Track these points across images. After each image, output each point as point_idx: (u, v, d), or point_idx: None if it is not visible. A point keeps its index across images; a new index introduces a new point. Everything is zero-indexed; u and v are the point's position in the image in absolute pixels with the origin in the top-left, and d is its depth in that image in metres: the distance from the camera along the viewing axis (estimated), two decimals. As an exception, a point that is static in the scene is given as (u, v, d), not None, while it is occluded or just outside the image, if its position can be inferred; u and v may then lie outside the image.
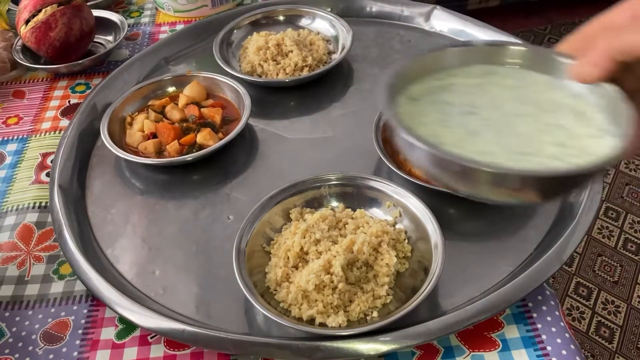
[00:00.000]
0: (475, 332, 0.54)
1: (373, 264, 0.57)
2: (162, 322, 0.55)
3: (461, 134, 0.40)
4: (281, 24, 0.97)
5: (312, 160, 0.74)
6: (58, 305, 0.60)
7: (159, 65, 0.92)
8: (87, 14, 0.93)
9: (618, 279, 1.54)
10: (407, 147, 0.40)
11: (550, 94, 0.42)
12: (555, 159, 0.37)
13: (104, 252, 0.65)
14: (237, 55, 0.91)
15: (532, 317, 0.55)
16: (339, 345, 0.51)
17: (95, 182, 0.74)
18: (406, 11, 0.97)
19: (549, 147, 0.38)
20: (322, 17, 0.95)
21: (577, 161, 0.37)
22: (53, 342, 0.56)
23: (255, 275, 0.57)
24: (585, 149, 0.38)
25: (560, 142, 0.39)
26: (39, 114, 0.85)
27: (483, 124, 0.41)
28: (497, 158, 0.37)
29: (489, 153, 0.38)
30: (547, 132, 0.39)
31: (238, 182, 0.72)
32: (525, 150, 0.38)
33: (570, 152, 0.38)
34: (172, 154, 0.73)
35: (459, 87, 0.45)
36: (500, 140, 0.39)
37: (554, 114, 0.41)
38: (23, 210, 0.70)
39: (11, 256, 0.64)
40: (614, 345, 1.39)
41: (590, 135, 0.39)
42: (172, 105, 0.79)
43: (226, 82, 0.81)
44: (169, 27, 1.04)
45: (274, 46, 0.87)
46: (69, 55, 0.91)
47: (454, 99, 0.43)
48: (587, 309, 1.48)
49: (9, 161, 0.78)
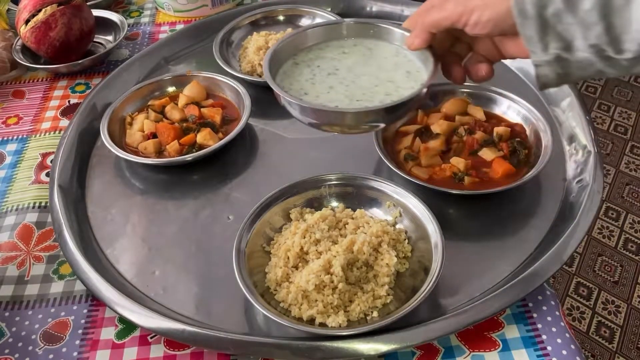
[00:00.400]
0: (475, 332, 0.54)
1: (373, 264, 0.57)
2: (162, 322, 0.55)
3: (322, 89, 0.57)
4: (281, 24, 0.97)
5: (312, 160, 0.74)
6: (58, 305, 0.60)
7: (159, 65, 0.92)
8: (87, 13, 0.93)
9: (618, 279, 1.54)
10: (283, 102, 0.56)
11: (393, 59, 0.60)
12: (381, 102, 0.55)
13: (103, 252, 0.65)
14: (237, 55, 0.91)
15: (532, 317, 0.55)
16: (339, 345, 0.51)
17: (95, 182, 0.74)
18: (406, 11, 0.97)
19: (380, 95, 0.56)
20: (322, 17, 0.95)
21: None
22: (53, 342, 0.56)
23: (255, 275, 0.57)
24: (402, 95, 0.55)
25: (388, 92, 0.57)
26: (39, 114, 0.85)
27: (339, 82, 0.58)
28: (341, 104, 0.55)
29: (337, 101, 0.56)
30: (381, 85, 0.57)
31: (238, 182, 0.72)
32: (362, 98, 0.56)
33: (392, 98, 0.55)
34: (172, 154, 0.73)
35: (330, 54, 0.61)
36: (347, 92, 0.57)
37: (391, 72, 0.59)
38: (23, 210, 0.70)
39: (11, 256, 0.64)
40: (614, 345, 1.39)
41: (410, 87, 0.57)
42: (172, 105, 0.79)
43: (226, 82, 0.81)
44: (168, 27, 1.04)
45: None
46: (69, 55, 0.91)
47: (323, 64, 0.60)
48: (587, 309, 1.47)
49: (9, 161, 0.78)
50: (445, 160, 0.68)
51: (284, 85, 0.58)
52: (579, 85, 2.12)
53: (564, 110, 0.76)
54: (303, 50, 0.62)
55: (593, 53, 0.46)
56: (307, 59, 0.61)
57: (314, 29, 0.63)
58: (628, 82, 2.22)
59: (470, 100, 0.75)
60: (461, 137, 0.70)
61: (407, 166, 0.68)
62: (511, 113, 0.73)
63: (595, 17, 0.44)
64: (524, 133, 0.71)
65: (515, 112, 0.73)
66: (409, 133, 0.72)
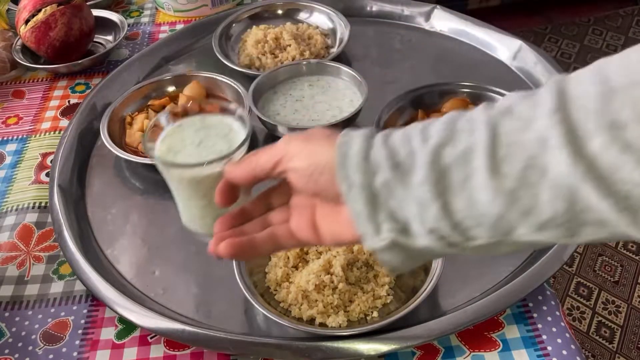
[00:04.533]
0: (475, 332, 0.54)
1: (373, 264, 0.57)
2: (162, 322, 0.55)
3: (289, 111, 0.76)
4: (280, 18, 0.97)
5: (312, 160, 0.74)
6: (58, 305, 0.60)
7: (158, 65, 0.92)
8: (87, 13, 0.93)
9: (619, 279, 1.54)
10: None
11: (342, 91, 0.79)
12: (327, 122, 0.74)
13: (103, 252, 0.65)
14: (236, 49, 0.92)
15: (532, 317, 0.55)
16: (339, 346, 0.51)
17: (95, 182, 0.74)
18: (406, 11, 0.97)
19: (328, 116, 0.75)
20: (321, 10, 0.96)
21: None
22: (53, 342, 0.56)
23: (255, 275, 0.57)
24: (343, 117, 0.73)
25: (334, 114, 0.75)
26: (39, 114, 0.85)
27: (302, 106, 0.76)
28: (301, 122, 0.75)
29: (298, 119, 0.75)
30: (331, 110, 0.76)
31: (238, 182, 0.72)
32: (316, 118, 0.75)
33: (337, 119, 0.73)
34: (172, 153, 0.72)
35: (299, 86, 0.80)
36: (307, 114, 0.76)
37: (339, 101, 0.77)
38: (23, 211, 0.69)
39: (11, 256, 0.64)
40: (614, 345, 1.39)
41: (348, 111, 0.73)
42: (172, 105, 0.78)
43: (226, 82, 0.81)
44: (168, 26, 1.04)
45: (272, 40, 0.87)
46: (69, 55, 0.91)
47: (293, 93, 0.79)
48: (587, 309, 1.47)
49: (9, 161, 0.78)
50: (445, 160, 0.68)
51: (263, 108, 0.77)
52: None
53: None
54: (280, 82, 0.80)
55: (435, 239, 0.35)
56: (284, 89, 0.80)
57: (286, 67, 0.81)
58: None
59: (471, 100, 0.75)
60: (461, 137, 0.70)
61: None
62: (511, 113, 0.73)
63: (429, 194, 0.34)
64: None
65: (516, 112, 0.73)
66: (409, 133, 0.72)
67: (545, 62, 0.81)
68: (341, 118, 0.72)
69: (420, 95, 0.76)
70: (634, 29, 2.31)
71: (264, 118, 0.73)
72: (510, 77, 0.84)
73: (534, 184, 0.32)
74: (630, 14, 2.41)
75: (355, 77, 0.77)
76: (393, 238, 0.36)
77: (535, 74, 0.82)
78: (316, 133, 0.41)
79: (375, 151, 0.36)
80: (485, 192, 0.33)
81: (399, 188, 0.35)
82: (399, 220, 0.36)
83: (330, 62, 0.81)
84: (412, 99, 0.75)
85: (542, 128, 0.31)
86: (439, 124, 0.35)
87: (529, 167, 0.31)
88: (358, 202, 0.36)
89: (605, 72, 0.31)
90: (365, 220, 0.37)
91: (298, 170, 0.40)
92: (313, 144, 0.40)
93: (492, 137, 0.33)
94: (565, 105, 0.31)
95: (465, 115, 0.35)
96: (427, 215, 0.35)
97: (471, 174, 0.33)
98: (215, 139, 0.48)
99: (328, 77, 0.80)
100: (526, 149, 0.32)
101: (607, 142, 0.29)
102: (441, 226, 0.35)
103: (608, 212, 0.30)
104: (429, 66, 0.88)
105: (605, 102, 0.30)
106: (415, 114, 0.75)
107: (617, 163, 0.29)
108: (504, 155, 0.32)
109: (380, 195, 0.36)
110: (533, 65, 0.83)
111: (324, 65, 0.81)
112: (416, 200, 0.35)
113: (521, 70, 0.85)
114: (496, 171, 0.32)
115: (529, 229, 0.33)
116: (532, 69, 0.82)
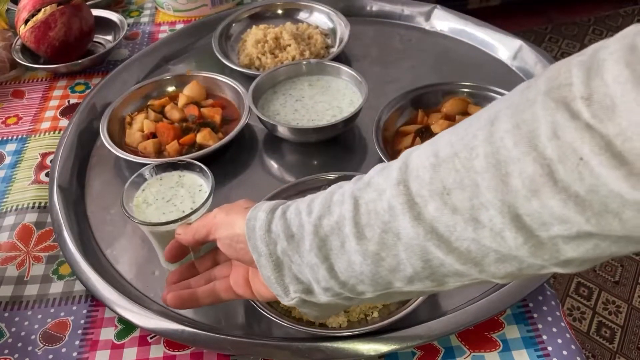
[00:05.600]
0: (475, 333, 0.54)
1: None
2: (161, 323, 0.55)
3: (289, 111, 0.76)
4: (280, 17, 0.97)
5: (312, 160, 0.74)
6: (57, 306, 0.60)
7: (158, 64, 0.92)
8: (87, 13, 0.93)
9: (619, 279, 1.54)
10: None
11: (343, 91, 0.79)
12: (327, 122, 0.74)
13: (103, 252, 0.65)
14: (236, 49, 0.92)
15: (532, 318, 0.55)
16: (340, 346, 0.51)
17: (95, 182, 0.74)
18: (406, 10, 0.97)
19: (327, 116, 0.75)
20: (321, 10, 0.96)
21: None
22: (52, 343, 0.56)
23: (255, 275, 0.57)
24: (344, 117, 0.73)
25: (334, 114, 0.75)
26: (39, 114, 0.85)
27: (302, 106, 0.76)
28: (300, 122, 0.74)
29: (298, 119, 0.74)
30: (331, 109, 0.76)
31: (238, 182, 0.72)
32: (315, 118, 0.74)
33: (336, 118, 0.73)
34: (171, 153, 0.72)
35: (299, 85, 0.80)
36: (306, 114, 0.75)
37: (339, 101, 0.77)
38: (22, 211, 0.69)
39: (10, 256, 0.64)
40: (614, 346, 1.39)
41: (349, 111, 0.74)
42: (172, 105, 0.78)
43: (226, 82, 0.81)
44: (168, 26, 1.04)
45: (272, 39, 0.87)
46: (69, 54, 0.91)
47: (293, 92, 0.79)
48: (587, 309, 1.47)
49: (9, 161, 0.77)
50: (445, 160, 0.68)
51: (263, 108, 0.77)
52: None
53: (564, 110, 0.76)
54: (280, 82, 0.80)
55: (332, 295, 0.41)
56: (282, 88, 0.80)
57: (286, 67, 0.81)
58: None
59: (471, 100, 0.75)
60: (461, 137, 0.70)
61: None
62: (511, 113, 0.73)
63: (316, 259, 0.40)
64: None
65: (516, 111, 0.73)
66: (409, 133, 0.72)
67: (545, 62, 0.81)
68: (341, 118, 0.72)
69: (420, 95, 0.76)
70: (634, 29, 2.31)
71: (263, 118, 0.73)
72: (510, 77, 0.84)
73: (393, 246, 0.37)
74: (630, 14, 2.41)
75: (355, 77, 0.77)
76: (300, 297, 0.43)
77: (535, 74, 0.82)
78: (237, 206, 0.47)
79: (275, 223, 0.42)
80: (357, 255, 0.38)
81: (295, 255, 0.41)
82: (303, 282, 0.42)
83: (330, 62, 0.81)
84: (412, 99, 0.75)
85: (390, 197, 0.36)
86: (321, 198, 0.41)
87: (385, 231, 0.37)
88: (267, 268, 0.42)
89: (437, 145, 0.36)
90: (275, 283, 0.43)
91: (221, 239, 0.47)
92: (232, 216, 0.46)
93: (356, 207, 0.38)
94: (406, 177, 0.36)
95: (341, 188, 0.41)
96: (318, 276, 0.40)
97: (344, 239, 0.38)
98: (183, 197, 0.57)
99: (328, 77, 0.80)
100: (381, 216, 0.37)
101: (440, 207, 0.34)
102: (332, 285, 0.40)
103: (458, 265, 0.35)
104: (429, 66, 0.88)
105: (434, 172, 0.34)
106: (415, 114, 0.75)
107: (451, 224, 0.34)
108: (366, 222, 0.38)
109: (284, 262, 0.42)
110: (533, 65, 0.83)
111: (324, 65, 0.81)
112: (308, 265, 0.40)
113: (521, 70, 0.84)
114: (362, 236, 0.38)
115: (402, 283, 0.38)
116: (532, 69, 0.82)
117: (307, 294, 0.42)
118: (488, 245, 0.33)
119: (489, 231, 0.33)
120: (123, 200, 0.56)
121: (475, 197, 0.33)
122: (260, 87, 0.78)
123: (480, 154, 0.33)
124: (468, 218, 0.33)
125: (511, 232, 0.32)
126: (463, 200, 0.33)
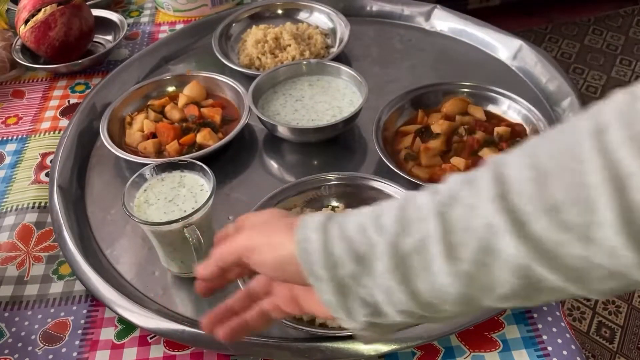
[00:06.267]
0: (475, 333, 0.54)
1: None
2: (161, 323, 0.55)
3: (290, 111, 0.76)
4: (280, 17, 0.97)
5: (312, 160, 0.74)
6: (57, 306, 0.60)
7: (158, 64, 0.92)
8: (87, 13, 0.93)
9: (619, 279, 1.54)
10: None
11: (343, 91, 0.79)
12: (327, 121, 0.74)
13: (103, 252, 0.65)
14: (236, 49, 0.92)
15: (532, 318, 0.55)
16: (339, 346, 0.51)
17: (95, 182, 0.74)
18: (406, 10, 0.97)
19: (327, 116, 0.75)
20: (321, 10, 0.96)
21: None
22: (52, 343, 0.56)
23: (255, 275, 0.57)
24: (343, 117, 0.73)
25: (334, 114, 0.76)
26: (39, 114, 0.85)
27: (302, 106, 0.77)
28: (301, 122, 0.74)
29: (298, 119, 0.75)
30: (331, 109, 0.76)
31: (238, 182, 0.72)
32: (316, 118, 0.75)
33: (336, 118, 0.74)
34: (171, 153, 0.72)
35: (299, 85, 0.80)
36: (306, 114, 0.76)
37: (339, 101, 0.78)
38: (22, 211, 0.69)
39: (10, 256, 0.64)
40: (614, 346, 1.39)
41: (349, 111, 0.74)
42: (172, 105, 0.78)
43: (226, 82, 0.81)
44: (168, 26, 1.04)
45: (272, 39, 0.87)
46: (69, 54, 0.91)
47: (293, 92, 0.79)
48: (587, 309, 1.47)
49: (9, 161, 0.77)
50: (445, 160, 0.68)
51: (263, 108, 0.77)
52: (580, 85, 2.12)
53: (564, 110, 0.76)
54: (280, 82, 0.80)
55: (407, 317, 0.38)
56: (282, 88, 0.80)
57: (286, 67, 0.81)
58: (629, 82, 2.22)
59: (471, 100, 0.75)
60: (462, 137, 0.70)
61: (407, 166, 0.68)
62: (511, 113, 0.73)
63: (392, 282, 0.36)
64: (525, 133, 0.71)
65: (516, 111, 0.73)
66: (409, 133, 0.72)
67: (545, 62, 0.81)
68: (341, 118, 0.72)
69: (420, 95, 0.76)
70: (634, 29, 2.31)
71: (263, 118, 0.73)
72: (510, 77, 0.84)
73: (489, 265, 0.34)
74: (630, 13, 2.41)
75: (355, 77, 0.77)
76: (368, 320, 0.39)
77: (535, 74, 0.82)
78: (274, 223, 0.43)
79: (335, 245, 0.38)
80: (446, 276, 0.35)
81: (365, 278, 0.37)
82: (371, 305, 0.38)
83: (330, 62, 0.81)
84: (412, 99, 0.75)
85: (487, 214, 0.33)
86: (390, 213, 0.38)
87: (481, 250, 0.34)
88: (327, 294, 0.39)
89: (534, 156, 0.33)
90: (337, 307, 0.39)
91: (264, 264, 0.42)
92: (273, 237, 0.42)
93: (444, 225, 0.35)
94: (504, 192, 0.33)
95: (413, 201, 0.37)
96: (393, 299, 0.37)
97: (430, 260, 0.35)
98: (185, 197, 0.57)
99: (328, 77, 0.81)
100: (476, 235, 0.34)
101: (548, 224, 0.32)
102: (410, 307, 0.37)
103: (560, 282, 0.33)
104: (429, 66, 0.88)
105: (540, 187, 0.32)
106: (415, 114, 0.75)
107: (559, 241, 0.32)
108: (458, 242, 0.35)
109: (349, 286, 0.38)
110: (533, 65, 0.83)
111: (324, 65, 0.81)
112: (381, 288, 0.37)
113: (521, 70, 0.84)
114: (453, 256, 0.35)
115: (493, 301, 0.36)
116: (532, 69, 0.82)
117: (377, 316, 0.39)
118: (598, 262, 0.31)
119: (601, 248, 0.31)
120: (124, 200, 0.56)
121: (589, 213, 0.30)
122: (260, 87, 0.78)
123: (593, 167, 0.30)
124: (580, 235, 0.31)
125: (628, 250, 0.30)
126: (575, 216, 0.31)
